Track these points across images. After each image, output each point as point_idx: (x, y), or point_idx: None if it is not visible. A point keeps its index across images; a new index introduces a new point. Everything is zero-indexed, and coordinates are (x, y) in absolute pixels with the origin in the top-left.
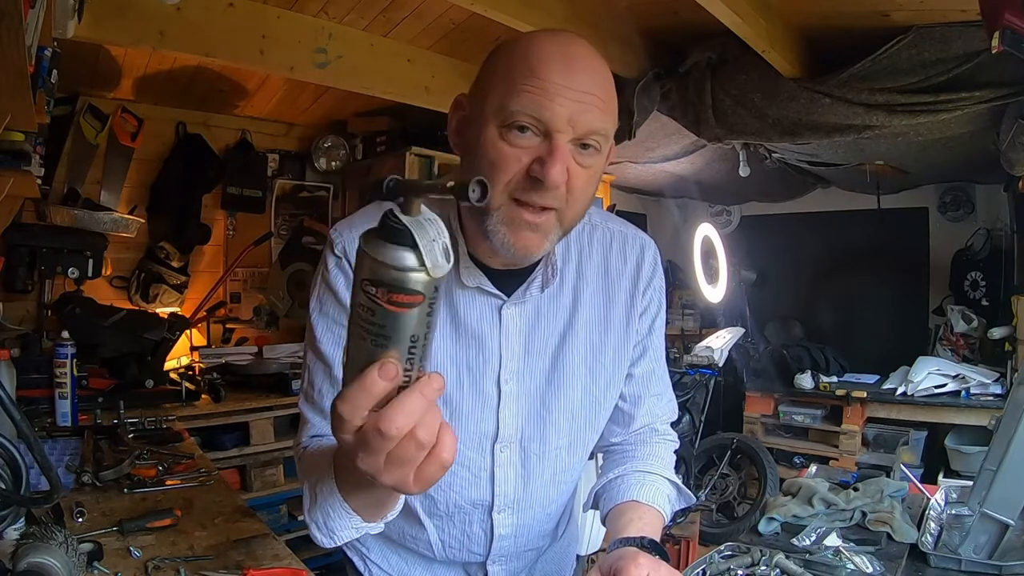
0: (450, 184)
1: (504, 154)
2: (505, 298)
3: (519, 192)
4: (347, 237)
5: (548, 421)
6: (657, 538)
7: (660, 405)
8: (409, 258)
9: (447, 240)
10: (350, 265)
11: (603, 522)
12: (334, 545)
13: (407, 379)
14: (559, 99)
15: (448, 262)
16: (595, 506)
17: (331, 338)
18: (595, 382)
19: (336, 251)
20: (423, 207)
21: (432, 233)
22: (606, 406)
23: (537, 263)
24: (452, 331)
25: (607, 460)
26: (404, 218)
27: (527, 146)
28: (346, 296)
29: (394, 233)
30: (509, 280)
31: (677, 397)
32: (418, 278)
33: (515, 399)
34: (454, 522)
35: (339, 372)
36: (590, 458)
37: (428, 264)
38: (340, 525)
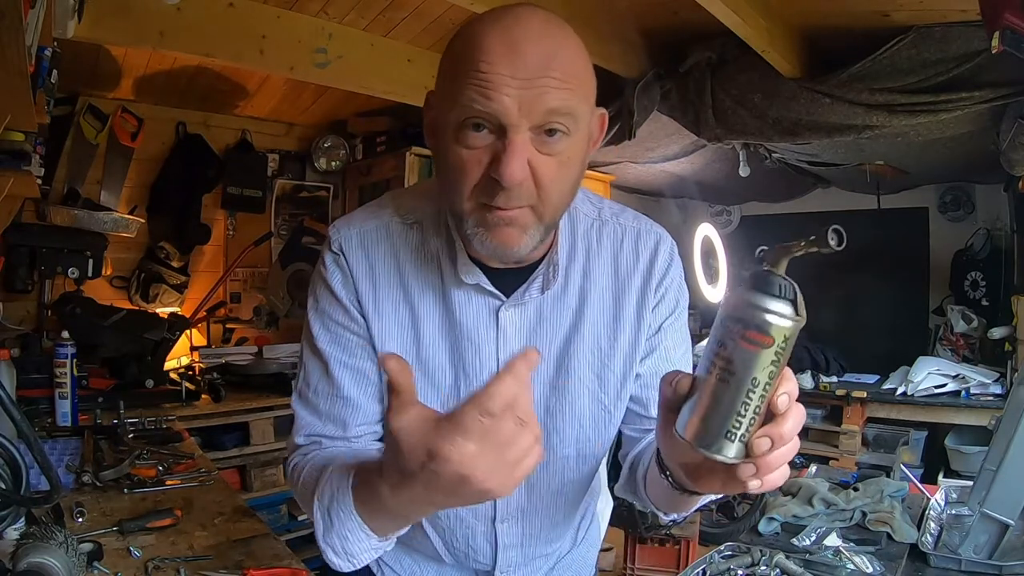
0: (812, 238)
1: (462, 159)
2: (504, 299)
3: (484, 196)
4: (344, 234)
5: (553, 429)
6: None
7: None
8: (786, 308)
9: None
10: (347, 261)
11: (645, 492)
12: (353, 569)
13: (748, 421)
14: (506, 89)
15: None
16: (632, 492)
17: (327, 336)
18: (604, 389)
19: (334, 248)
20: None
21: (796, 287)
22: (616, 414)
23: (538, 263)
24: (448, 331)
25: (629, 452)
26: (785, 278)
27: (483, 144)
28: (341, 291)
29: (778, 287)
30: (509, 280)
31: None
32: (784, 325)
33: None
34: (456, 533)
35: (337, 371)
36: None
37: (801, 314)
38: (359, 548)
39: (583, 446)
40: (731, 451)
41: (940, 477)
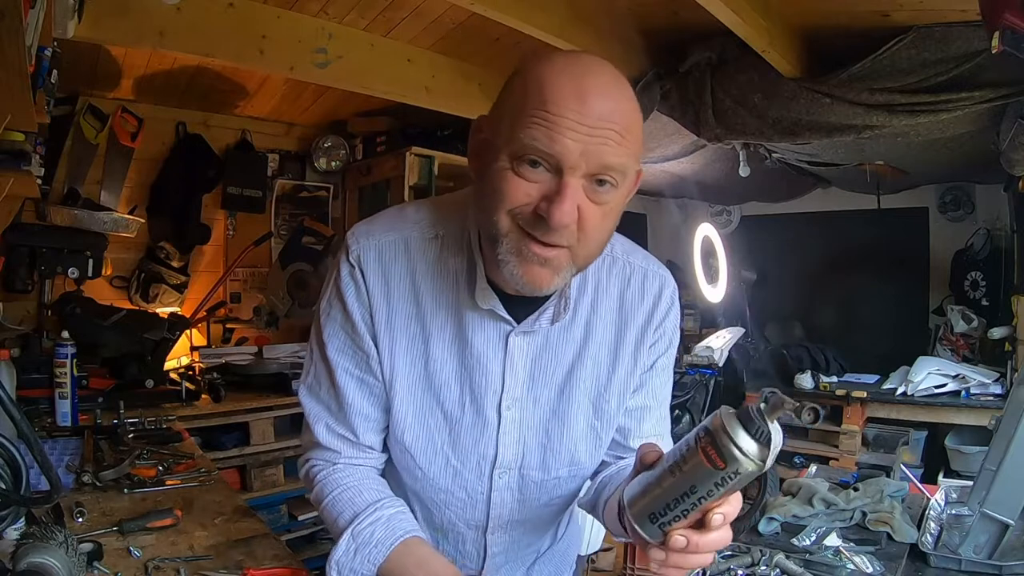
0: (799, 406)
1: (512, 186)
2: (515, 324)
3: (526, 224)
4: (364, 245)
5: (550, 451)
6: None
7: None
8: (752, 448)
9: (778, 450)
10: (363, 276)
11: (602, 518)
12: None
13: (672, 516)
14: (571, 133)
15: (767, 465)
16: (592, 510)
17: (335, 344)
18: (599, 417)
19: (351, 258)
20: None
21: (777, 441)
22: (606, 440)
23: (550, 293)
24: (458, 351)
25: (600, 473)
26: (771, 425)
27: (537, 181)
28: (354, 305)
29: (756, 429)
30: (522, 307)
31: (677, 397)
32: (742, 461)
33: (517, 426)
34: (448, 538)
35: (343, 380)
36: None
37: (766, 463)
38: None
39: (575, 468)
40: (650, 531)
41: (940, 477)
